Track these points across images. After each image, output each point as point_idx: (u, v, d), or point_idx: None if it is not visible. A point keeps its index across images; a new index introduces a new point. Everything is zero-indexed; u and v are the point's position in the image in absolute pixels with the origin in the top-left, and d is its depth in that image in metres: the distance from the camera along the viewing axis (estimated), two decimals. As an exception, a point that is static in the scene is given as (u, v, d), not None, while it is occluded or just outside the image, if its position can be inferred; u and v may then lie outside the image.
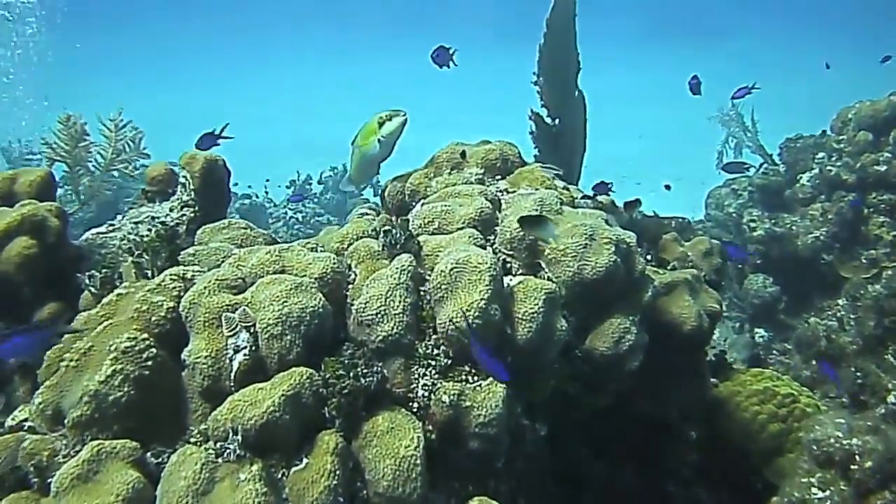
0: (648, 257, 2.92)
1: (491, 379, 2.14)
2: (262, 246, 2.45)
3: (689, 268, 3.16)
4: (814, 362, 5.35)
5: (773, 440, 3.07)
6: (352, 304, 2.22)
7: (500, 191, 2.74)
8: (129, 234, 2.74)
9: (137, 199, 2.98)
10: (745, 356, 6.11)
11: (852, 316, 5.36)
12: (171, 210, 2.86)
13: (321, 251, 2.43)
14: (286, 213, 9.71)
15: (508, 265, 2.45)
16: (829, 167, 6.14)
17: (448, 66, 3.46)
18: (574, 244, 2.37)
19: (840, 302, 5.94)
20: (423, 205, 2.59)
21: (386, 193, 2.90)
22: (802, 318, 6.08)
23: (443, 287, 2.18)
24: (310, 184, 10.38)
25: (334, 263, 2.28)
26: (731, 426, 3.07)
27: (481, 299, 2.13)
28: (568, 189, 2.75)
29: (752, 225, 6.23)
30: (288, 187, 10.32)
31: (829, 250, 6.07)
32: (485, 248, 2.37)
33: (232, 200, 3.01)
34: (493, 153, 2.84)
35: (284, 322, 2.07)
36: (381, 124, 2.86)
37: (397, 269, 2.21)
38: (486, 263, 2.19)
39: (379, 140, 2.82)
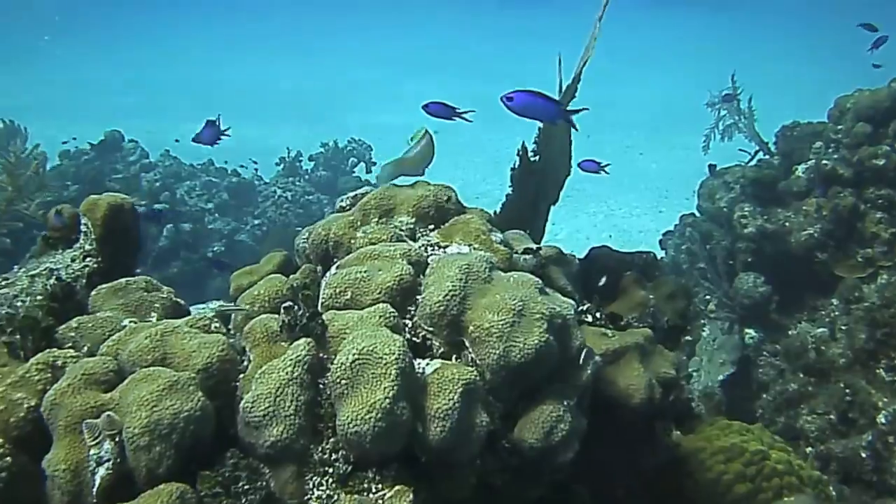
0: (598, 314, 2.61)
1: (398, 487, 1.86)
2: (145, 324, 2.15)
3: (650, 313, 2.86)
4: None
5: (740, 503, 2.80)
6: (241, 399, 1.93)
7: (431, 245, 2.44)
8: (24, 290, 2.45)
9: (38, 247, 2.68)
10: (734, 358, 5.83)
11: (843, 327, 5.05)
12: (72, 260, 2.56)
13: (214, 330, 2.13)
14: (275, 191, 9.40)
15: (429, 342, 2.15)
16: (824, 161, 5.78)
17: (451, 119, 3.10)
18: (500, 322, 2.06)
19: (834, 302, 5.63)
20: (337, 269, 2.29)
21: (309, 241, 2.59)
22: (795, 319, 5.77)
23: (343, 382, 1.89)
24: (300, 160, 10.05)
25: (221, 351, 1.99)
26: (695, 487, 2.79)
27: (385, 398, 1.85)
28: (506, 244, 2.44)
29: (744, 221, 5.89)
30: (277, 164, 9.99)
31: (824, 248, 5.73)
32: (399, 328, 2.07)
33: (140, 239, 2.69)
34: (426, 200, 2.53)
35: (153, 431, 1.79)
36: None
37: (291, 360, 1.92)
38: (394, 354, 1.89)
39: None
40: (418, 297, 2.20)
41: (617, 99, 19.12)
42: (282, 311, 2.09)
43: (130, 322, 2.21)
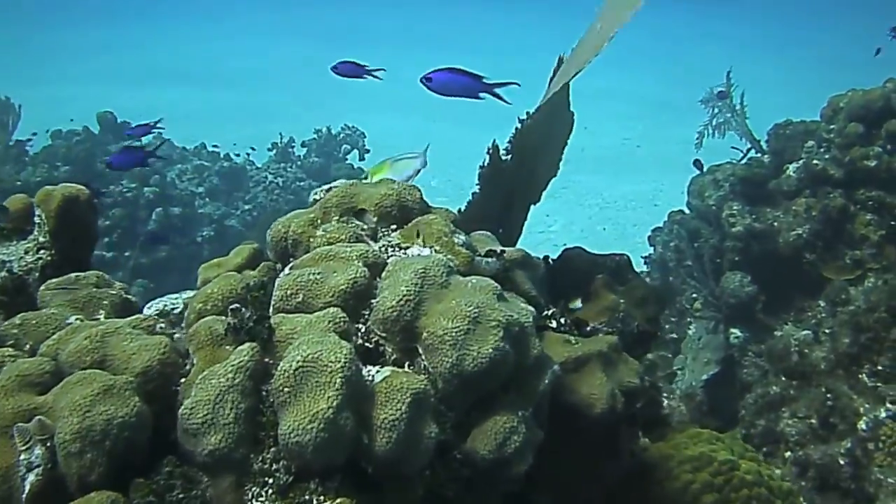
0: (563, 320, 2.53)
1: (340, 500, 1.80)
2: (88, 324, 2.08)
3: (620, 318, 2.79)
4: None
5: (706, 513, 2.75)
6: (182, 404, 1.87)
7: (392, 245, 2.37)
8: (-27, 282, 2.38)
9: (-9, 237, 2.61)
10: (719, 357, 5.77)
11: (827, 330, 4.98)
12: (26, 252, 2.49)
13: (160, 331, 2.06)
14: (266, 177, 9.33)
15: (382, 348, 2.08)
16: (815, 160, 5.71)
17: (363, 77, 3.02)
18: (454, 330, 1.99)
19: (821, 303, 5.57)
20: (290, 270, 2.22)
21: (269, 237, 2.52)
22: (781, 320, 5.71)
23: (285, 390, 1.82)
24: (293, 146, 9.98)
25: (162, 354, 1.93)
26: (661, 496, 2.72)
27: (329, 408, 1.78)
28: (469, 247, 2.37)
29: (732, 220, 5.82)
30: (270, 150, 9.92)
31: (812, 249, 5.67)
32: (349, 333, 2.00)
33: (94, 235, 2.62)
34: (389, 199, 2.46)
35: (85, 437, 1.73)
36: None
37: (233, 366, 1.85)
38: (340, 362, 1.83)
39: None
40: (373, 300, 2.13)
41: (615, 90, 19.01)
42: (229, 312, 2.02)
43: (76, 319, 2.14)
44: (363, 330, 2.10)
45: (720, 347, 5.78)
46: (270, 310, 2.14)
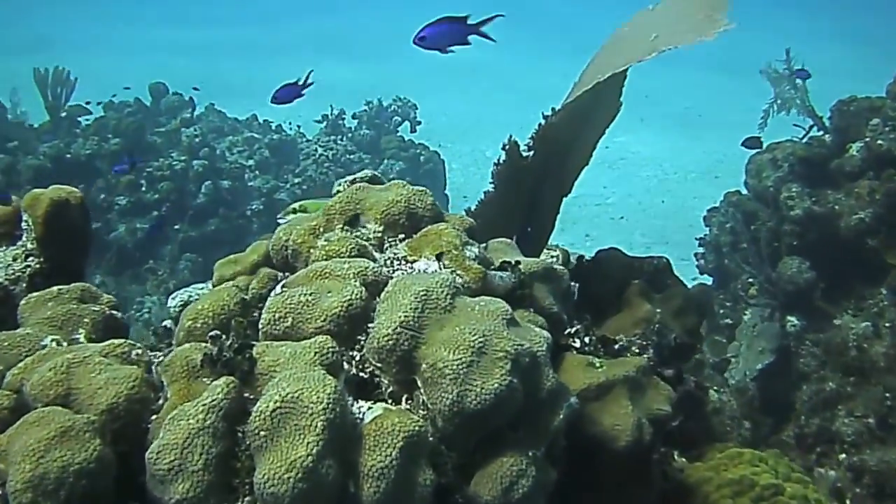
0: (588, 339, 2.29)
1: (319, 555, 1.60)
2: (57, 350, 1.89)
3: (655, 330, 2.55)
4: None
5: (747, 543, 2.51)
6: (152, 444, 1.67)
7: (398, 258, 2.15)
8: (-44, 292, 2.21)
9: (-21, 243, 2.45)
10: (774, 346, 5.47)
11: (888, 324, 4.66)
12: (14, 259, 2.32)
13: (135, 359, 1.87)
14: (316, 150, 9.14)
15: (377, 379, 1.87)
16: (879, 140, 5.33)
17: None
18: (456, 362, 1.77)
19: (883, 291, 5.23)
20: (282, 289, 2.01)
21: (271, 244, 2.32)
22: (841, 308, 5.38)
23: (261, 434, 1.62)
24: (343, 118, 9.78)
25: (131, 389, 1.73)
26: (697, 523, 2.49)
27: (308, 455, 1.58)
28: (482, 260, 2.14)
29: (790, 203, 5.48)
30: (319, 122, 9.72)
31: (875, 234, 5.31)
32: (337, 367, 1.79)
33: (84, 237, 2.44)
34: (398, 206, 2.23)
35: (37, 487, 1.55)
36: None
37: (205, 406, 1.65)
38: (322, 403, 1.62)
39: None
40: (370, 324, 1.91)
41: (678, 56, 18.44)
42: (209, 338, 1.82)
43: (52, 340, 1.96)
44: (357, 358, 1.89)
45: (776, 336, 5.48)
46: (259, 333, 1.94)
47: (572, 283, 2.91)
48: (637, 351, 2.52)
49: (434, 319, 1.86)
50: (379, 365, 1.85)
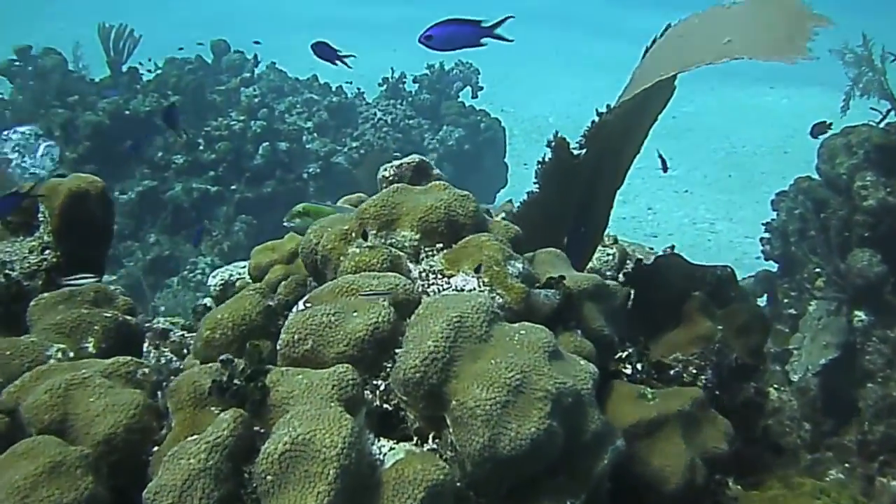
0: (640, 365, 2.08)
1: None
2: (58, 367, 1.73)
3: (715, 349, 2.33)
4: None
5: (804, 584, 2.30)
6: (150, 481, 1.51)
7: (434, 272, 1.95)
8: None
9: (-5, 232, 2.30)
10: (839, 341, 5.18)
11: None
12: (30, 252, 2.17)
13: (141, 378, 1.71)
14: (375, 113, 8.94)
15: (402, 413, 1.68)
16: (957, 128, 4.98)
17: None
18: (489, 402, 1.58)
19: (961, 288, 4.92)
20: (305, 304, 1.83)
21: (301, 247, 2.14)
22: (914, 304, 5.08)
23: (268, 479, 1.45)
24: (404, 82, 9.55)
25: (131, 417, 1.58)
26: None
27: (318, 506, 1.40)
28: (526, 277, 1.93)
29: (864, 192, 5.15)
30: (380, 85, 9.51)
31: (952, 227, 4.98)
32: (357, 402, 1.60)
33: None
34: (436, 213, 2.03)
35: (19, 530, 1.39)
36: None
37: (208, 444, 1.48)
38: (336, 447, 1.44)
39: None
40: (398, 350, 1.72)
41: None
42: (220, 362, 1.64)
43: (58, 350, 1.81)
44: (382, 388, 1.71)
45: (842, 330, 5.18)
46: (278, 354, 1.76)
47: (628, 289, 2.69)
48: (694, 372, 2.31)
49: (467, 350, 1.66)
50: (405, 398, 1.66)
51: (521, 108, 14.22)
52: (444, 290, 1.92)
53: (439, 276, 1.94)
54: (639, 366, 2.06)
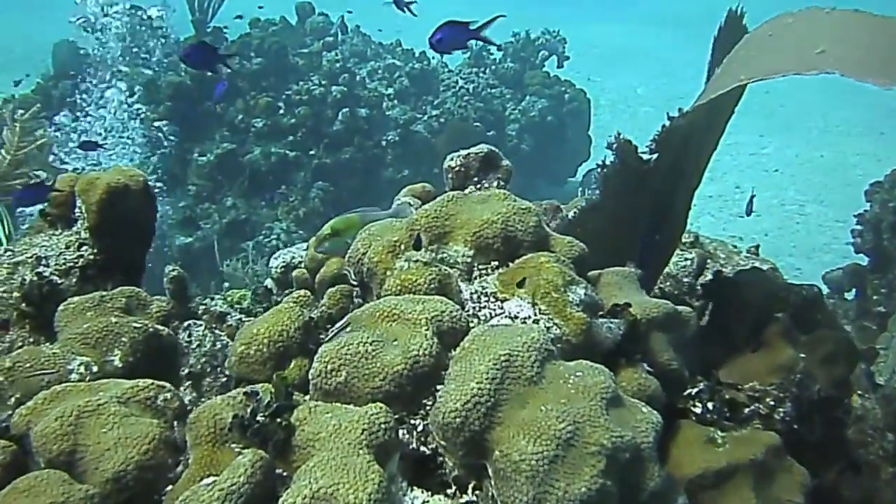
0: (712, 404, 1.87)
1: None
2: (74, 388, 1.59)
3: (796, 381, 2.11)
4: None
5: None
6: (161, 524, 1.38)
7: (486, 294, 1.77)
8: (1, 282, 1.95)
9: (35, 225, 2.18)
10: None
11: None
12: (67, 247, 2.04)
13: (162, 405, 1.57)
14: (457, 81, 8.73)
15: (441, 458, 1.52)
16: None
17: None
18: (536, 456, 1.40)
19: None
20: (342, 329, 1.66)
21: (348, 257, 1.98)
22: None
23: (285, 535, 1.29)
24: (488, 49, 9.30)
25: (143, 454, 1.44)
26: None
27: (336, 571, 1.25)
28: (588, 304, 1.74)
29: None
30: (464, 52, 9.26)
31: None
32: (389, 449, 1.44)
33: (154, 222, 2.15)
34: (493, 227, 1.85)
35: (10, 581, 1.26)
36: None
37: (223, 492, 1.34)
38: (360, 504, 1.28)
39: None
40: (440, 386, 1.55)
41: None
42: (243, 395, 1.49)
43: (80, 365, 1.68)
44: (420, 428, 1.54)
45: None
46: (310, 385, 1.60)
47: (705, 302, 2.48)
48: (772, 404, 2.09)
49: (515, 394, 1.49)
50: (443, 443, 1.50)
51: (608, 77, 13.84)
52: (496, 315, 1.74)
53: (492, 299, 1.77)
54: (710, 405, 1.86)
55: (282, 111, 7.95)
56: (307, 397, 1.62)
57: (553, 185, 8.91)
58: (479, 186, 2.89)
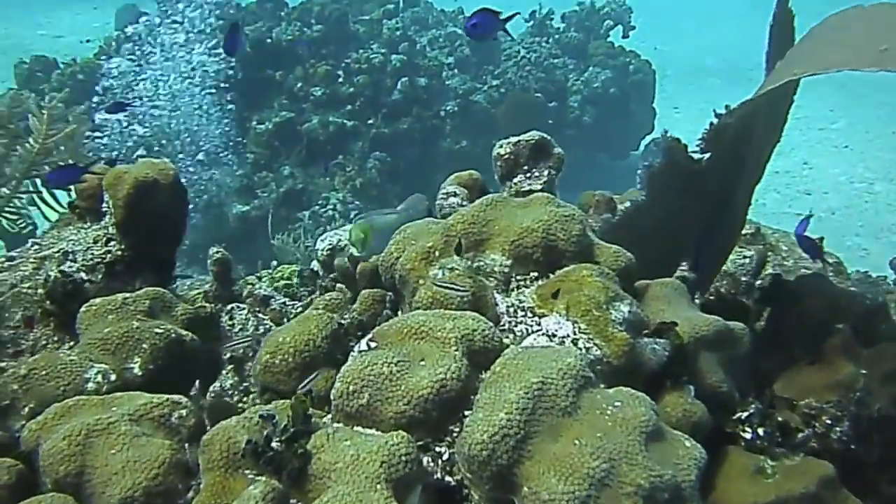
0: (764, 429, 1.74)
1: None
2: (85, 404, 1.52)
3: (856, 399, 1.98)
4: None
5: None
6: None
7: (523, 308, 1.66)
8: (27, 277, 1.90)
9: (64, 217, 2.11)
10: None
11: None
12: (94, 241, 1.98)
13: (176, 422, 1.49)
14: (519, 51, 8.55)
15: (466, 491, 1.42)
16: None
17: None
18: (566, 496, 1.31)
19: None
20: (367, 345, 1.57)
21: (381, 260, 1.88)
22: None
23: (293, 576, 1.21)
24: (551, 18, 9.09)
25: (152, 479, 1.37)
26: None
27: None
28: (631, 321, 1.62)
29: None
30: (527, 20, 9.07)
31: None
32: (411, 481, 1.34)
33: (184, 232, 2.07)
34: (533, 236, 1.73)
35: None
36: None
37: (229, 528, 1.25)
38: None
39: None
40: (466, 412, 1.45)
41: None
42: (258, 418, 1.41)
43: (97, 373, 1.61)
44: (445, 456, 1.44)
45: None
46: (331, 405, 1.52)
47: (761, 306, 2.35)
48: (828, 423, 1.95)
49: (547, 425, 1.38)
50: (468, 475, 1.40)
51: (675, 46, 13.50)
52: (532, 331, 1.63)
53: (529, 314, 1.66)
54: (760, 430, 1.73)
55: (341, 80, 7.86)
56: (328, 417, 1.53)
57: (615, 158, 8.71)
58: (528, 175, 2.77)
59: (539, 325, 1.64)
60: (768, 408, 1.79)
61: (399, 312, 1.87)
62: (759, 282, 2.70)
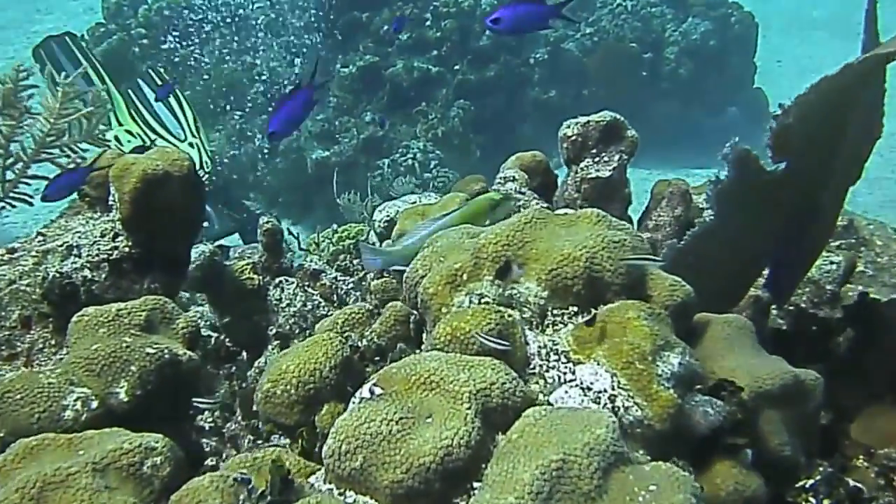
0: (831, 500, 1.49)
1: None
2: (52, 442, 1.34)
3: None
4: None
5: None
6: None
7: (557, 353, 1.43)
8: (27, 273, 1.73)
9: (73, 205, 1.93)
10: None
11: None
12: (102, 235, 1.80)
13: (148, 472, 1.30)
14: (615, -1, 8.14)
15: (472, 574, 1.21)
16: None
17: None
18: None
19: None
20: (369, 392, 1.36)
21: (406, 275, 1.66)
22: None
23: None
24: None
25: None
26: None
27: None
28: (681, 376, 1.37)
29: None
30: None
31: None
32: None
33: (202, 229, 1.88)
34: (574, 265, 1.48)
35: None
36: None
37: None
38: None
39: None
40: (476, 483, 1.23)
41: None
42: (233, 482, 1.22)
43: (78, 399, 1.44)
44: (449, 536, 1.23)
45: None
46: (323, 466, 1.32)
47: (843, 326, 2.07)
48: None
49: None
50: (477, 558, 1.18)
51: (780, -3, 12.80)
52: (565, 380, 1.40)
53: (563, 359, 1.42)
54: (826, 502, 1.47)
55: (428, 23, 7.58)
56: (321, 472, 1.33)
57: (711, 115, 8.26)
58: (597, 160, 2.51)
59: (573, 374, 1.40)
60: (839, 471, 1.53)
61: (423, 336, 1.66)
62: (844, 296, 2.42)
